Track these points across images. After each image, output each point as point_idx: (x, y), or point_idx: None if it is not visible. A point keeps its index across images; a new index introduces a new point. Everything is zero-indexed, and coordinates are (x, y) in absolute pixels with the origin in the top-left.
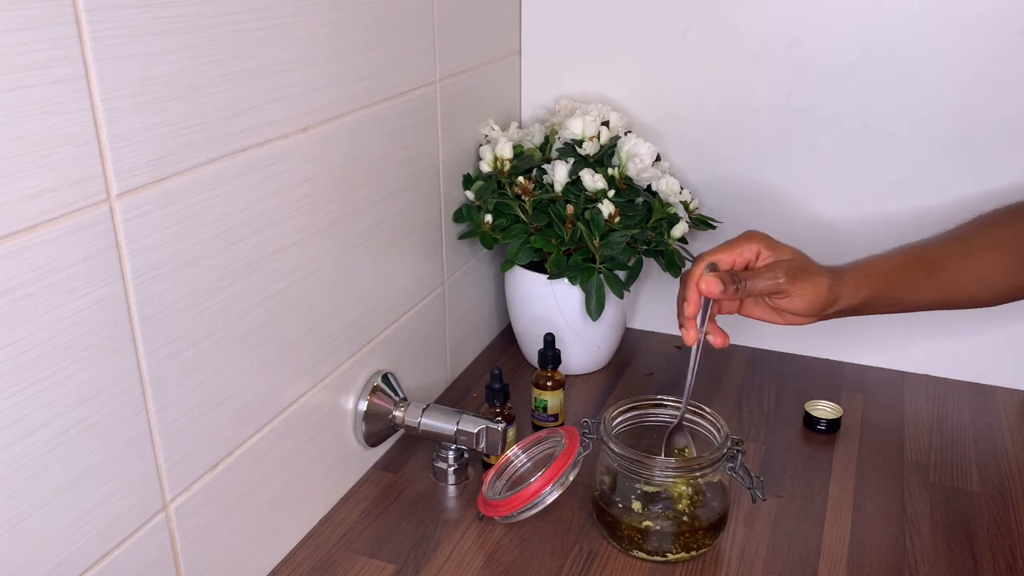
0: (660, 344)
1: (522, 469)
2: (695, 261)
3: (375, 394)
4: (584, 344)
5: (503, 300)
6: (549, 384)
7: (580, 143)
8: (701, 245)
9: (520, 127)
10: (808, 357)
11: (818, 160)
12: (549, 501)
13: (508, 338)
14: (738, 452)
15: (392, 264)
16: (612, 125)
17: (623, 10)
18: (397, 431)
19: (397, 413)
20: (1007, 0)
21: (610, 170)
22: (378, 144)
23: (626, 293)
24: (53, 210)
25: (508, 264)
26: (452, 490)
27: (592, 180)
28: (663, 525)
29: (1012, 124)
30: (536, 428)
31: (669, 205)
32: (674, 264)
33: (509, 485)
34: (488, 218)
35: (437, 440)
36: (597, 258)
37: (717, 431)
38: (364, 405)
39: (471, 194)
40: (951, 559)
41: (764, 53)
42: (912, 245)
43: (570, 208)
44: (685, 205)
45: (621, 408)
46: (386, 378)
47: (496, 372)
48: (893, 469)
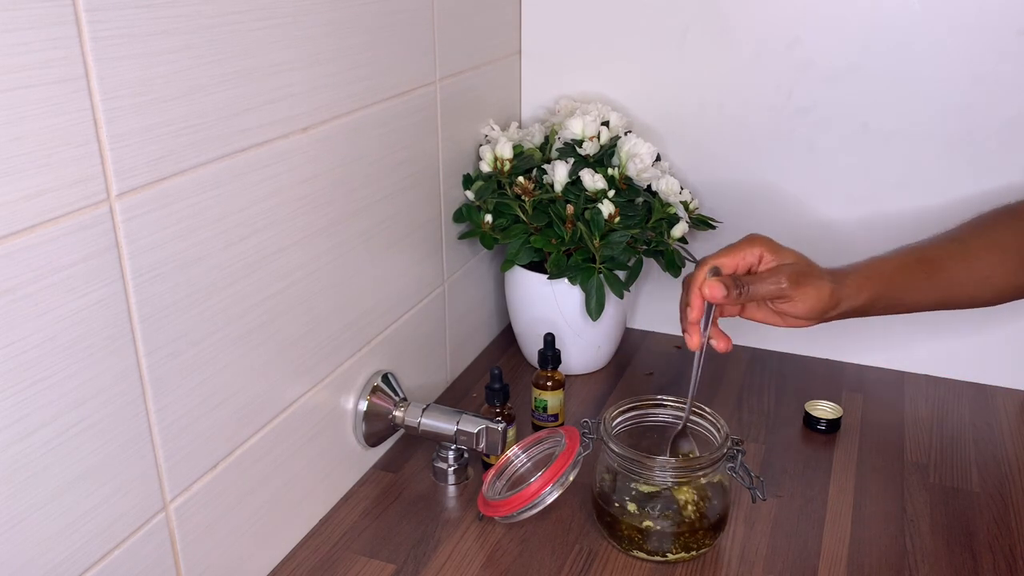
0: (660, 344)
1: (522, 469)
2: (697, 265)
3: (375, 394)
4: (584, 344)
5: (503, 300)
6: (549, 384)
7: (580, 143)
8: (701, 245)
9: (520, 127)
10: (808, 357)
11: (818, 160)
12: (549, 501)
13: (508, 338)
14: (738, 452)
15: (392, 264)
16: (612, 125)
17: (623, 10)
18: (397, 431)
19: (397, 413)
20: (1007, 0)
21: (610, 170)
22: (378, 144)
23: (626, 293)
24: (53, 210)
25: (508, 264)
26: (452, 490)
27: (592, 180)
28: (663, 525)
29: (1012, 124)
30: (536, 428)
31: (669, 205)
32: (674, 264)
33: (509, 485)
34: (488, 218)
35: (437, 440)
36: (597, 258)
37: (717, 431)
38: (364, 405)
39: (471, 194)
40: (951, 559)
41: (764, 53)
42: (912, 246)
43: (570, 208)
44: (685, 205)
45: (621, 408)
46: (386, 378)
47: (496, 372)
48: (893, 469)
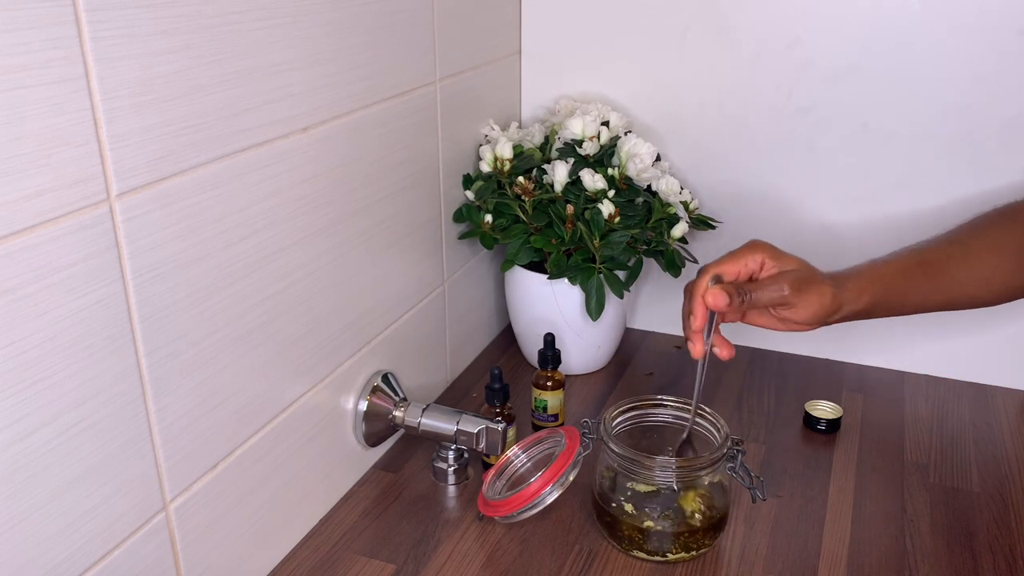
0: (660, 344)
1: (522, 469)
2: (699, 273)
3: (375, 394)
4: (584, 344)
5: (503, 300)
6: (549, 384)
7: (580, 143)
8: (701, 245)
9: (520, 127)
10: (808, 357)
11: (818, 160)
12: (549, 501)
13: (508, 338)
14: (738, 452)
15: (392, 264)
16: (612, 125)
17: (623, 10)
18: (397, 431)
19: (397, 413)
20: (1007, 0)
21: (610, 170)
22: (378, 144)
23: (626, 293)
24: (53, 210)
25: (508, 264)
26: (452, 490)
27: (592, 180)
28: (663, 525)
29: (1012, 124)
30: (536, 428)
31: (669, 205)
32: (674, 264)
33: (509, 485)
34: (488, 218)
35: (437, 440)
36: (597, 258)
37: (717, 431)
38: (364, 405)
39: (471, 194)
40: (951, 559)
41: (764, 53)
42: (912, 249)
43: (570, 208)
44: (685, 205)
45: (621, 408)
46: (386, 378)
47: (496, 372)
48: (893, 469)
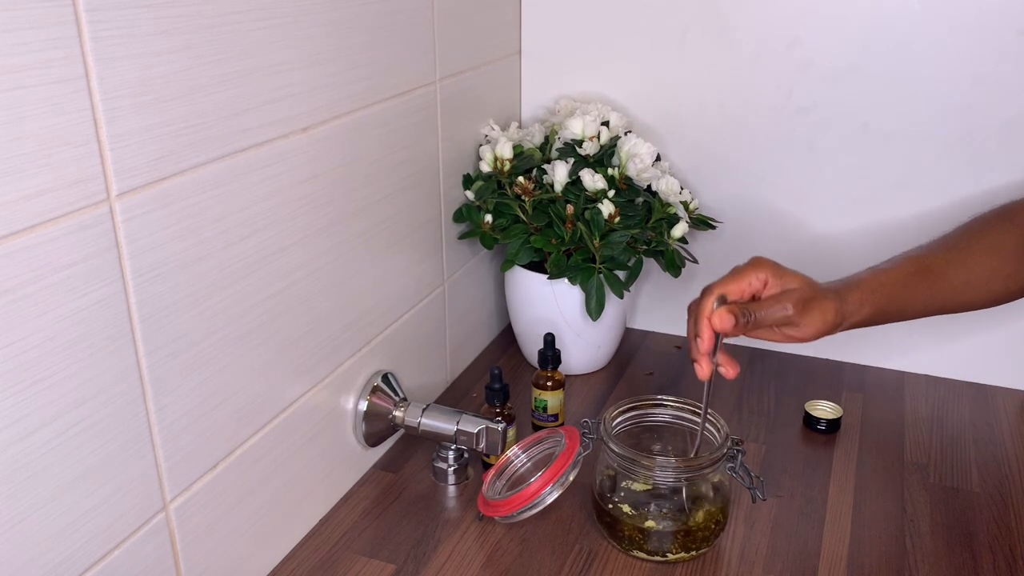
0: (660, 344)
1: (522, 469)
2: (703, 293)
3: (375, 394)
4: (584, 344)
5: (503, 300)
6: (549, 384)
7: (580, 143)
8: (701, 245)
9: (520, 127)
10: (808, 357)
11: (818, 160)
12: (549, 501)
13: (508, 338)
14: (738, 452)
15: (392, 264)
16: (612, 125)
17: (623, 10)
18: (397, 431)
19: (397, 413)
20: (1007, 0)
21: (610, 170)
22: (378, 144)
23: (626, 293)
24: (53, 210)
25: (508, 264)
26: (452, 490)
27: (592, 180)
28: (664, 525)
29: (1012, 124)
30: (536, 428)
31: (669, 205)
32: (674, 264)
33: (509, 485)
34: (488, 218)
35: (437, 440)
36: (597, 258)
37: (717, 431)
38: (364, 405)
39: (471, 194)
40: (951, 559)
41: (764, 53)
42: (910, 256)
43: (570, 208)
44: (685, 205)
45: (621, 408)
46: (386, 378)
47: (496, 372)
48: (893, 469)
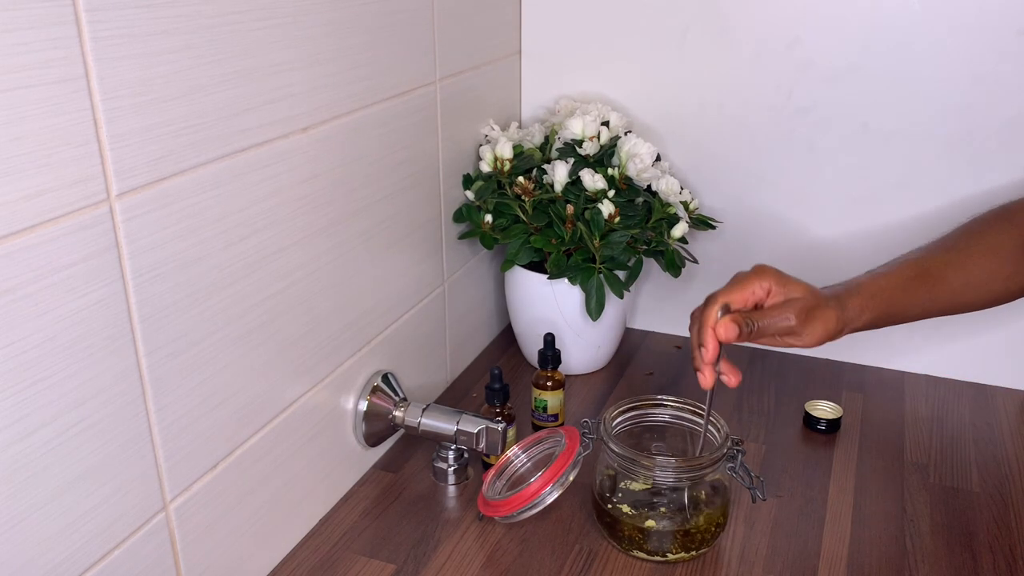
0: (660, 344)
1: (522, 469)
2: (707, 302)
3: (375, 394)
4: (584, 344)
5: (503, 300)
6: (549, 384)
7: (580, 143)
8: (701, 245)
9: (520, 127)
10: (808, 357)
11: (818, 160)
12: (549, 501)
13: (508, 338)
14: (738, 452)
15: (392, 264)
16: (612, 125)
17: (623, 10)
18: (397, 431)
19: (397, 413)
20: (1007, 0)
21: (610, 170)
22: (378, 144)
23: (626, 293)
24: (53, 210)
25: (508, 264)
26: (452, 490)
27: (592, 180)
28: (663, 525)
29: (1012, 124)
30: (536, 428)
31: (669, 205)
32: (674, 264)
33: (509, 485)
34: (488, 218)
35: (437, 440)
36: (597, 258)
37: (717, 431)
38: (364, 405)
39: (471, 194)
40: (951, 559)
41: (764, 53)
42: (909, 259)
43: (570, 208)
44: (685, 205)
45: (621, 408)
46: (386, 378)
47: (496, 372)
48: (893, 469)
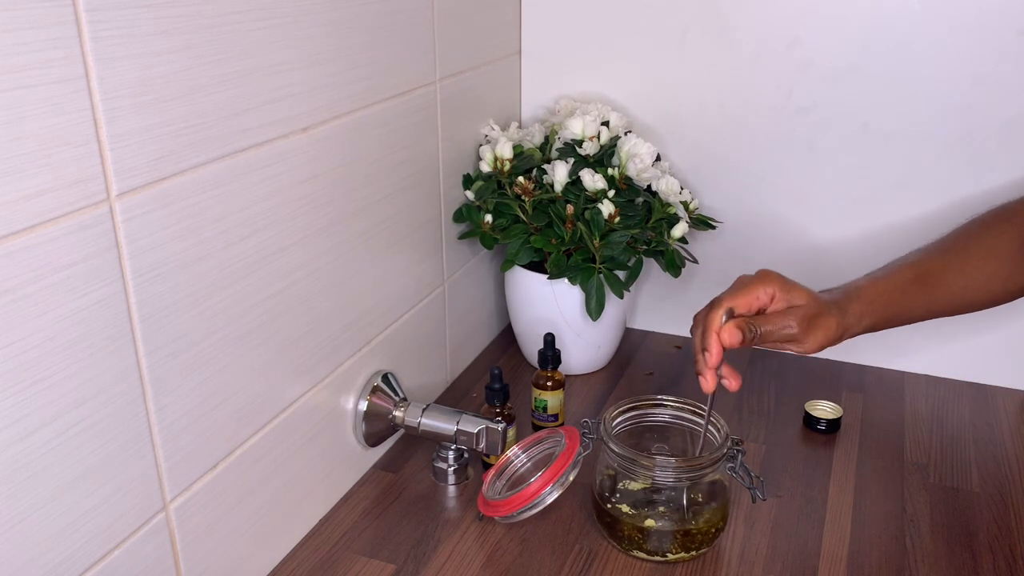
0: (660, 344)
1: (522, 469)
2: (711, 306)
3: (375, 394)
4: (584, 344)
5: (503, 300)
6: (549, 384)
7: (580, 143)
8: (701, 245)
9: (520, 127)
10: (808, 357)
11: (818, 160)
12: (549, 501)
13: (508, 338)
14: (738, 452)
15: (392, 264)
16: (612, 125)
17: (623, 10)
18: (397, 431)
19: (397, 413)
20: (1007, 0)
21: (610, 170)
22: (378, 144)
23: (626, 293)
24: (53, 210)
25: (508, 264)
26: (452, 490)
27: (592, 180)
28: (663, 524)
29: (1012, 124)
30: (536, 428)
31: (669, 205)
32: (674, 264)
33: (509, 485)
34: (488, 218)
35: (437, 440)
36: (597, 258)
37: (717, 431)
38: (364, 405)
39: (471, 194)
40: (951, 559)
41: (764, 53)
42: (908, 262)
43: (570, 208)
44: (685, 205)
45: (621, 408)
46: (386, 378)
47: (496, 372)
48: (893, 469)
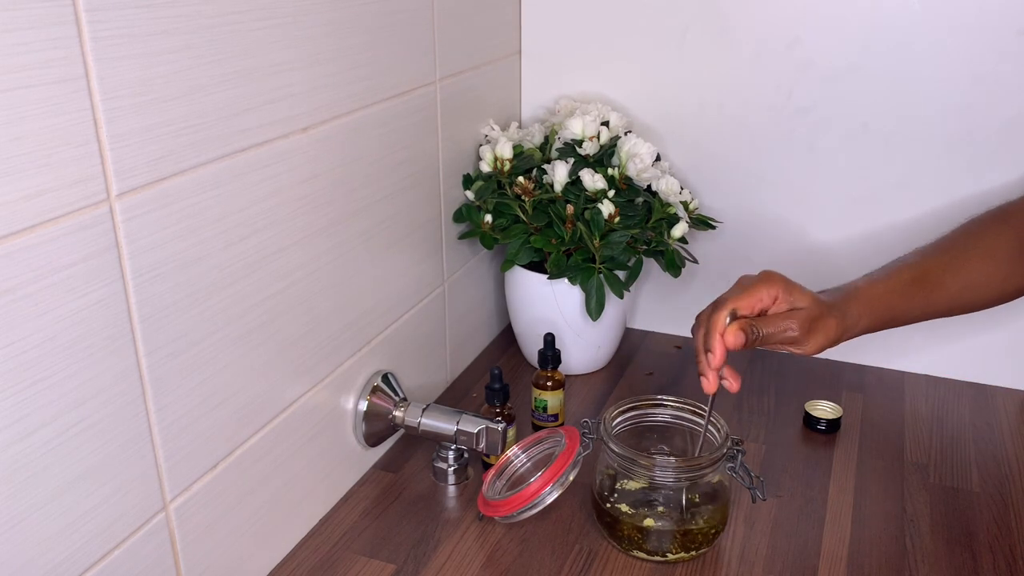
0: (660, 344)
1: (522, 469)
2: (715, 308)
3: (375, 394)
4: (584, 344)
5: (503, 300)
6: (549, 384)
7: (580, 143)
8: (701, 245)
9: (520, 127)
10: (808, 357)
11: (818, 160)
12: (549, 501)
13: (508, 338)
14: (738, 452)
15: (392, 264)
16: (612, 125)
17: (623, 10)
18: (397, 431)
19: (397, 413)
20: (1007, 0)
21: (610, 170)
22: (378, 144)
23: (626, 293)
24: (53, 210)
25: (508, 264)
26: (452, 490)
27: (592, 180)
28: (663, 524)
29: (1012, 124)
30: (536, 428)
31: (669, 205)
32: (674, 264)
33: (509, 485)
34: (488, 218)
35: (437, 440)
36: (597, 258)
37: (717, 431)
38: (364, 405)
39: (471, 194)
40: (951, 559)
41: (764, 53)
42: (907, 263)
43: (570, 208)
44: (685, 205)
45: (621, 408)
46: (386, 378)
47: (496, 372)
48: (893, 469)
